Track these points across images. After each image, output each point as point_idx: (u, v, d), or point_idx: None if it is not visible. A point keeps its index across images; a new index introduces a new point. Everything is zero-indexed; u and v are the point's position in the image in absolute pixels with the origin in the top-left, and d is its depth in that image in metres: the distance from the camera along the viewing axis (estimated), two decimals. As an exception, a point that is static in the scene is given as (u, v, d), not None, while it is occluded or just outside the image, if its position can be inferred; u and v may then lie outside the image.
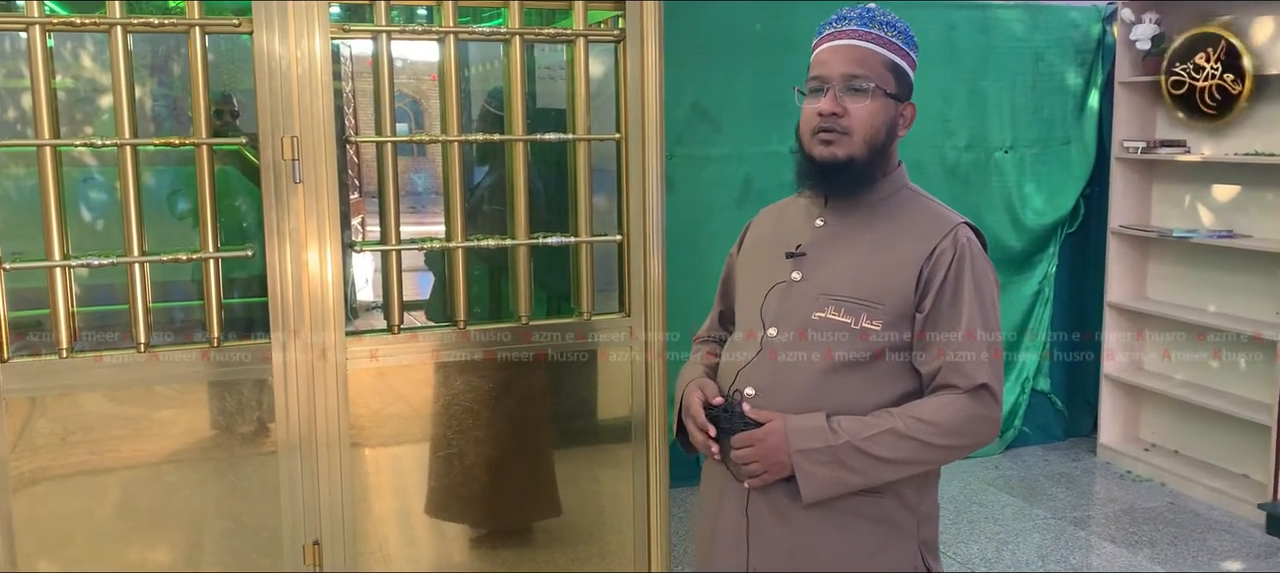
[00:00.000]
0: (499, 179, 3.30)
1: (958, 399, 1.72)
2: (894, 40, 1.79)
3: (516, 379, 2.85)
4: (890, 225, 1.80)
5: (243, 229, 3.21)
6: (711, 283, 4.58)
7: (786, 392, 1.77)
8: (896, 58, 1.79)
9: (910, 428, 1.70)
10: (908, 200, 1.84)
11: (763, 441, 1.74)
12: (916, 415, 1.71)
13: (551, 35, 2.95)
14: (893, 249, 1.78)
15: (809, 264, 1.83)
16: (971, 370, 1.72)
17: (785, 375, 1.79)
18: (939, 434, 1.71)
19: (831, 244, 1.83)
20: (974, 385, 1.72)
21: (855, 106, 1.76)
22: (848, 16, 1.81)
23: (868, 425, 1.71)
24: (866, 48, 1.78)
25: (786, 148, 4.80)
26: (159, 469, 2.58)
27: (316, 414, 2.61)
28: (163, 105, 3.23)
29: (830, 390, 1.75)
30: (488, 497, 2.89)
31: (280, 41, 2.48)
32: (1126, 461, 4.92)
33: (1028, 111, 5.03)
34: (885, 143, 1.79)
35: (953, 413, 1.71)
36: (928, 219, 1.81)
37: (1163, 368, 4.98)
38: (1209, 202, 4.72)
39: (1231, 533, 4.13)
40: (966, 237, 1.78)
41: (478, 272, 3.46)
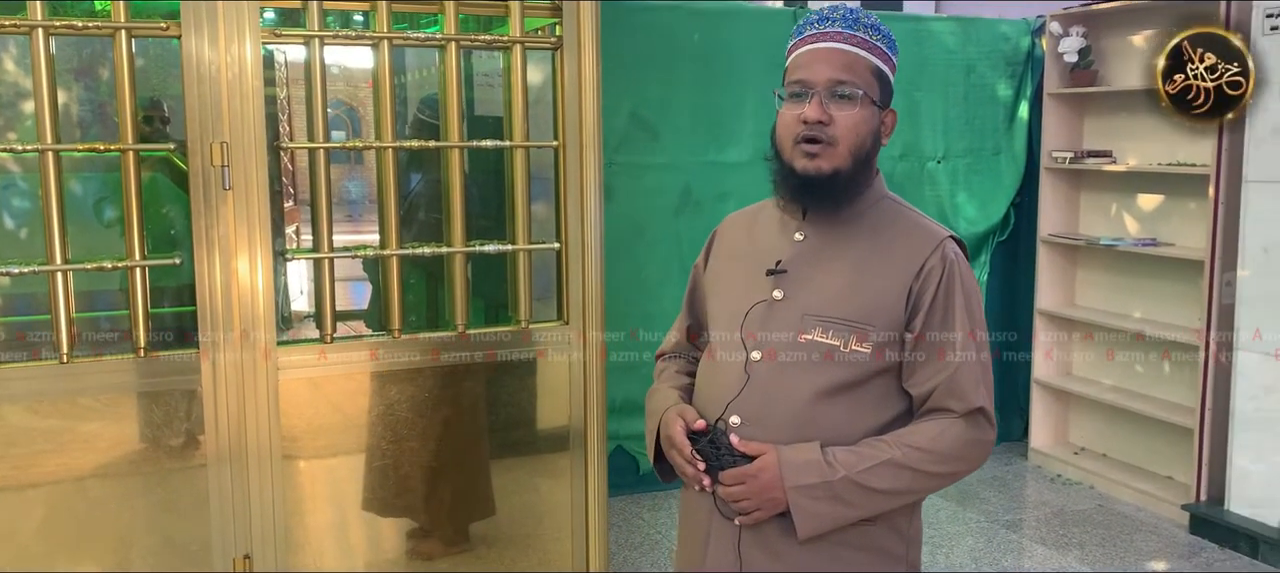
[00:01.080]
0: (434, 186, 3.27)
1: (954, 424, 1.64)
2: (878, 44, 1.68)
3: (454, 388, 2.83)
4: (875, 240, 1.70)
5: (171, 237, 3.15)
6: (651, 291, 4.63)
7: (774, 420, 1.66)
8: (880, 62, 1.69)
9: (908, 458, 1.62)
10: (890, 212, 1.74)
11: (756, 478, 1.63)
12: (913, 444, 1.63)
13: (488, 41, 2.94)
14: (880, 267, 1.68)
15: (791, 282, 1.70)
16: (968, 394, 1.64)
17: (772, 402, 1.67)
18: (937, 462, 1.63)
19: (814, 260, 1.71)
20: (970, 409, 1.64)
21: (842, 115, 1.64)
22: (831, 17, 1.69)
23: (864, 457, 1.61)
24: (853, 52, 1.66)
25: (724, 157, 4.88)
26: (84, 484, 2.51)
27: (247, 425, 2.56)
28: (88, 110, 3.16)
29: (820, 417, 1.65)
30: (424, 504, 2.86)
31: (210, 46, 2.44)
32: (1057, 464, 5.02)
33: (960, 122, 5.13)
34: (870, 153, 1.69)
35: (950, 439, 1.64)
36: (914, 234, 1.71)
37: (1091, 373, 5.10)
38: (1134, 210, 4.85)
39: (1157, 534, 4.24)
40: (954, 252, 1.69)
41: (414, 280, 3.43)
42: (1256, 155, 3.91)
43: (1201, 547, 4.10)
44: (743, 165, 4.61)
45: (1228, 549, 4.04)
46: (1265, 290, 3.90)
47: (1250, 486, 4.02)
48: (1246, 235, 3.96)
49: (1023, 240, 5.32)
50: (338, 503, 2.80)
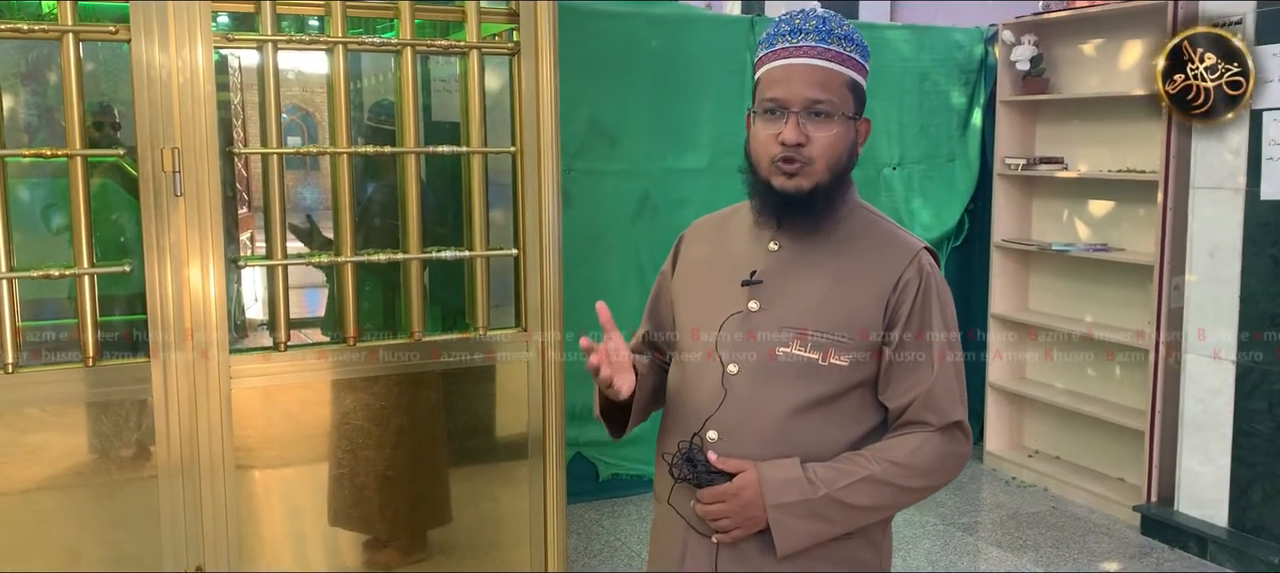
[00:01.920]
0: (390, 193, 3.25)
1: (931, 438, 1.63)
2: (853, 56, 1.63)
3: (411, 396, 2.81)
4: (848, 252, 1.68)
5: (122, 244, 3.09)
6: (609, 297, 4.56)
7: (753, 435, 1.64)
8: (855, 75, 1.64)
9: (887, 473, 1.60)
10: (864, 222, 1.71)
11: (736, 496, 1.60)
12: (892, 459, 1.61)
13: (444, 47, 2.92)
14: (854, 279, 1.66)
15: (766, 294, 1.67)
16: (945, 407, 1.64)
17: (751, 417, 1.64)
18: (915, 477, 1.62)
19: (790, 271, 1.68)
20: (947, 423, 1.64)
21: (819, 134, 1.60)
22: (804, 29, 1.61)
23: (844, 474, 1.60)
24: (829, 68, 1.61)
25: (682, 164, 4.88)
26: (31, 496, 2.46)
27: (199, 435, 2.52)
28: (36, 115, 3.10)
29: (799, 431, 1.63)
30: (380, 513, 2.83)
31: (160, 50, 2.40)
32: (1011, 467, 5.08)
33: (914, 130, 5.19)
34: (847, 167, 1.66)
35: (928, 453, 1.63)
36: (890, 245, 1.68)
37: (1044, 377, 5.17)
38: (1086, 216, 4.92)
39: (1109, 535, 4.30)
40: (929, 264, 1.68)
41: (369, 287, 3.40)
42: (1203, 162, 3.99)
43: (1152, 547, 4.16)
44: (701, 172, 4.62)
45: (1178, 550, 4.11)
46: (1212, 294, 3.98)
47: (1199, 487, 4.09)
48: (1194, 240, 4.04)
49: (977, 246, 5.38)
50: (293, 513, 2.77)
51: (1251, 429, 3.89)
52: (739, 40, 4.67)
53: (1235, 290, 3.90)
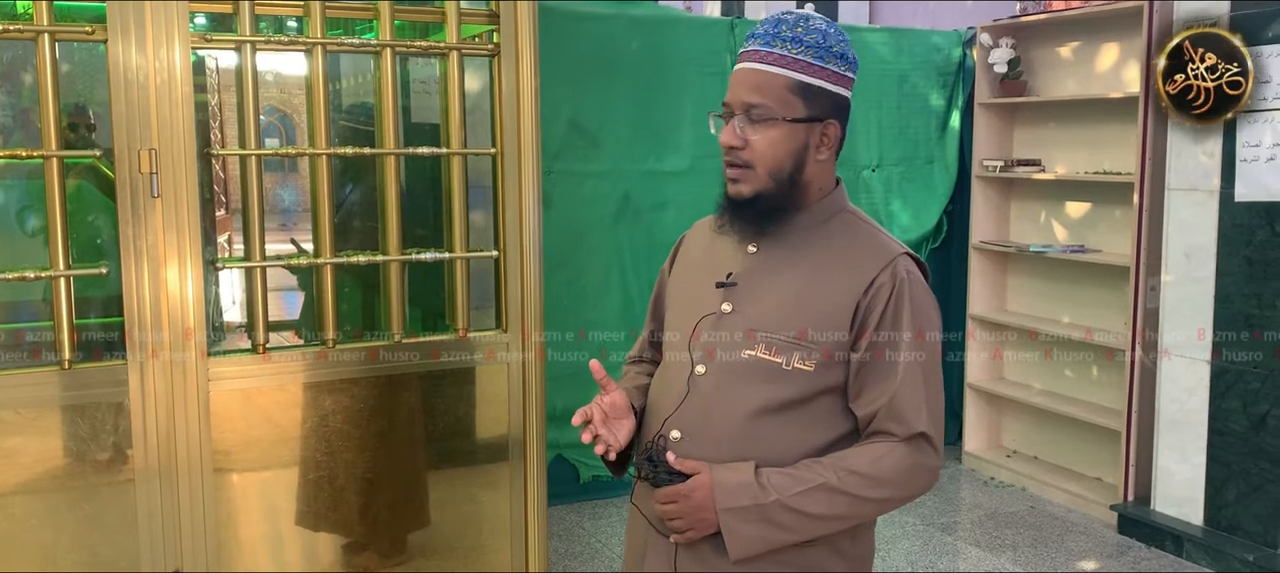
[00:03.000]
0: (369, 194, 3.23)
1: (895, 448, 1.59)
2: (800, 57, 1.60)
3: (390, 398, 2.80)
4: (825, 255, 1.66)
5: (98, 246, 3.07)
6: (590, 298, 4.62)
7: (713, 436, 1.64)
8: (804, 76, 1.60)
9: (844, 482, 1.56)
10: (845, 226, 1.69)
11: (688, 497, 1.60)
12: (851, 468, 1.58)
13: (424, 48, 2.91)
14: (827, 283, 1.63)
15: (739, 296, 1.67)
16: (909, 418, 1.59)
17: (711, 418, 1.64)
18: (874, 487, 1.58)
19: (764, 274, 1.67)
20: (912, 434, 1.59)
21: (756, 138, 1.60)
22: (756, 33, 1.64)
23: (799, 480, 1.57)
24: (765, 71, 1.60)
25: (663, 165, 4.88)
26: (5, 501, 2.44)
27: (177, 438, 2.51)
28: (10, 116, 3.07)
29: (760, 435, 1.61)
30: (358, 517, 2.82)
31: (138, 51, 2.39)
32: (990, 467, 5.11)
33: (893, 132, 5.21)
34: (793, 172, 1.63)
35: (890, 464, 1.58)
36: (866, 249, 1.65)
37: (1022, 377, 5.20)
38: (1063, 218, 4.96)
39: (1087, 534, 4.33)
40: (907, 269, 1.63)
41: (348, 289, 3.39)
42: (1177, 164, 4.03)
43: (1129, 546, 4.20)
44: (682, 173, 4.63)
45: (1155, 548, 4.14)
46: (1187, 295, 4.01)
47: (1175, 486, 4.13)
48: (1170, 242, 4.08)
49: (955, 247, 5.42)
50: (271, 516, 2.75)
51: (1226, 429, 3.93)
52: (719, 42, 4.68)
53: (1210, 291, 3.94)
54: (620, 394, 1.74)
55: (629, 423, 1.73)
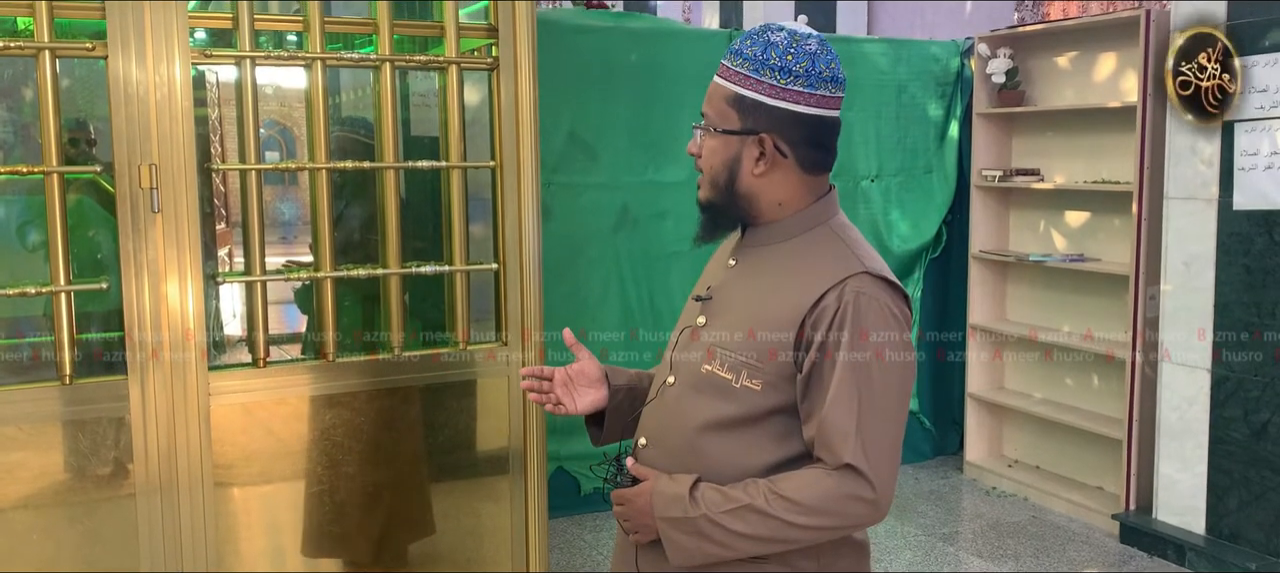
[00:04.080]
0: (369, 207, 3.24)
1: (826, 477, 1.54)
2: (737, 69, 1.61)
3: (391, 411, 2.80)
4: (787, 271, 1.63)
5: (98, 261, 3.08)
6: (589, 310, 4.63)
7: (670, 446, 1.68)
8: (739, 88, 1.61)
9: (771, 505, 1.54)
10: (819, 241, 1.65)
11: (633, 502, 1.66)
12: (780, 492, 1.54)
13: (423, 62, 2.92)
14: (779, 300, 1.61)
15: (712, 309, 1.70)
16: (837, 447, 1.52)
17: (670, 429, 1.68)
18: (800, 513, 1.53)
19: (733, 288, 1.69)
20: (839, 463, 1.53)
21: (704, 146, 1.67)
22: None
23: (729, 500, 1.56)
24: (715, 83, 1.66)
25: (662, 177, 4.90)
26: (6, 516, 2.44)
27: (177, 453, 2.51)
28: (11, 131, 3.08)
29: (708, 449, 1.63)
30: (362, 532, 2.82)
31: (138, 66, 2.40)
32: (991, 477, 5.11)
33: (892, 142, 5.22)
34: (728, 183, 1.64)
35: (818, 492, 1.53)
36: (823, 266, 1.60)
37: (1023, 386, 5.20)
38: (1062, 227, 4.96)
39: (1089, 543, 4.33)
40: (857, 290, 1.55)
41: (349, 303, 3.39)
42: (1175, 173, 4.04)
43: (1132, 555, 4.19)
44: (680, 185, 4.64)
45: (1157, 557, 4.14)
46: (1187, 303, 4.02)
47: (1177, 494, 4.13)
48: (1169, 250, 4.08)
49: (955, 257, 5.42)
50: (272, 530, 2.75)
51: (1227, 437, 3.93)
52: (718, 54, 4.62)
53: (1210, 299, 3.94)
54: (593, 365, 1.82)
55: (595, 394, 1.82)
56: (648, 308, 4.65)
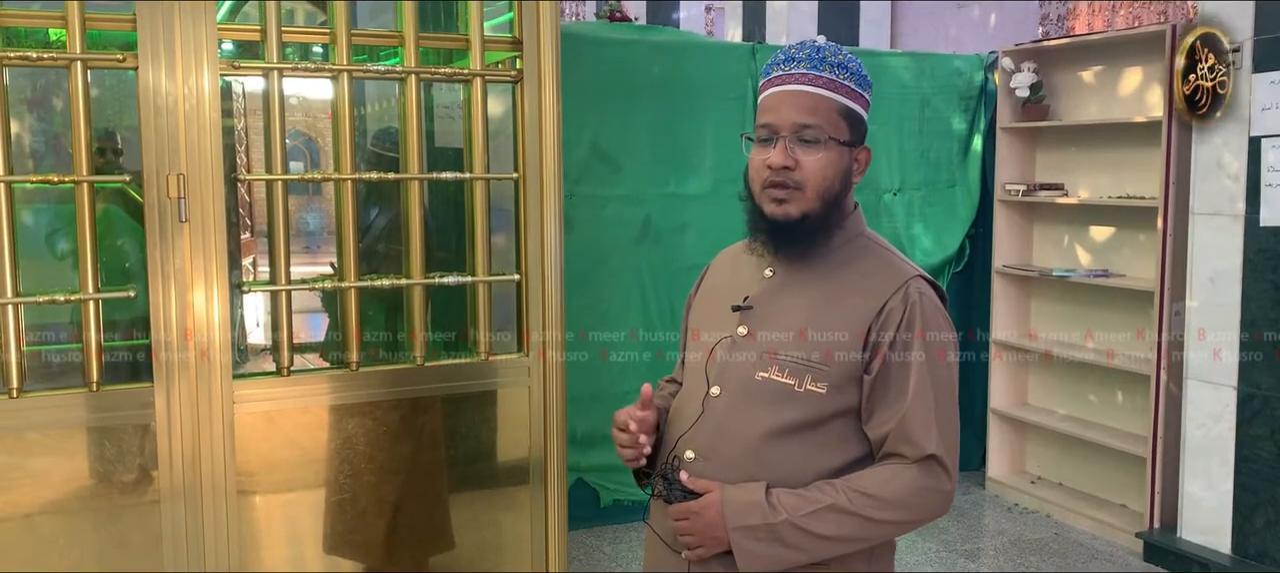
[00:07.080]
0: (393, 219, 3.26)
1: (906, 471, 1.59)
2: (846, 83, 1.66)
3: (413, 421, 2.81)
4: (839, 280, 1.68)
5: (126, 269, 3.11)
6: (611, 322, 4.62)
7: (726, 457, 1.66)
8: (849, 102, 1.66)
9: (854, 503, 1.58)
10: (862, 250, 1.71)
11: (699, 514, 1.62)
12: (860, 489, 1.59)
13: (448, 74, 2.94)
14: (840, 306, 1.65)
15: (755, 319, 1.70)
16: (919, 440, 1.59)
17: (723, 439, 1.67)
18: (884, 509, 1.58)
19: (779, 297, 1.71)
20: (922, 456, 1.59)
21: (807, 159, 1.63)
22: (797, 57, 1.66)
23: (808, 501, 1.58)
24: (818, 94, 1.64)
25: (685, 189, 4.90)
26: (32, 521, 2.46)
27: (201, 460, 2.53)
28: (41, 141, 3.12)
29: (772, 457, 1.63)
30: (382, 541, 2.83)
31: (167, 77, 2.42)
32: (1013, 493, 5.07)
33: (915, 155, 5.21)
34: (840, 194, 1.67)
35: (899, 486, 1.59)
36: (880, 273, 1.67)
37: (1046, 402, 5.16)
38: (1086, 242, 4.93)
39: (1112, 561, 4.29)
40: (919, 292, 1.65)
41: (372, 312, 3.41)
42: (1202, 188, 4.01)
43: (1155, 574, 4.15)
44: (703, 197, 4.64)
45: (1181, 576, 4.10)
46: (1213, 320, 3.98)
47: (1201, 513, 4.09)
48: (1194, 266, 4.05)
49: (978, 271, 5.39)
50: (294, 539, 2.77)
51: (1254, 455, 3.88)
52: (740, 67, 4.70)
53: (1236, 316, 3.90)
54: (653, 413, 1.77)
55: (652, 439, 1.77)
56: (669, 319, 4.65)
